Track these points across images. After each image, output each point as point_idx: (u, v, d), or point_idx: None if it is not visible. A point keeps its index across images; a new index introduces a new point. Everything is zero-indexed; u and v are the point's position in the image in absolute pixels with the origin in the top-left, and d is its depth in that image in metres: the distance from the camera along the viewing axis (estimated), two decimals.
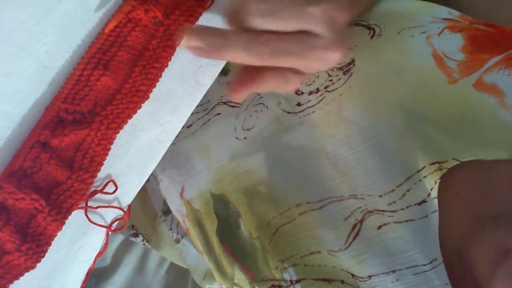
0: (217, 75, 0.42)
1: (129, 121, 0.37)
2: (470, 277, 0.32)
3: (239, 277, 0.43)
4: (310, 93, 0.42)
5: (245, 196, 0.43)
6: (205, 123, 0.50)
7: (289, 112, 0.43)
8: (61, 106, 0.34)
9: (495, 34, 0.38)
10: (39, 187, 0.35)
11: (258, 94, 0.48)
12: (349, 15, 0.33)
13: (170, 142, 0.42)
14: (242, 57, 0.31)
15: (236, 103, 0.49)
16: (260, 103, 0.46)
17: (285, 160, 0.42)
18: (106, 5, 0.34)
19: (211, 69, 0.41)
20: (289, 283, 0.39)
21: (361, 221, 0.37)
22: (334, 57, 0.32)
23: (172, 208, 0.52)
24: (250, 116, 0.46)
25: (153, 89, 0.38)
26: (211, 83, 0.42)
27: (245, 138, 0.45)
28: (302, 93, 0.42)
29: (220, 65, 0.42)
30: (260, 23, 0.30)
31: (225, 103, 0.50)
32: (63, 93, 0.34)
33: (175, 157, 0.50)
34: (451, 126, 0.36)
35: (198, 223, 0.47)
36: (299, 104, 0.42)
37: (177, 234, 0.58)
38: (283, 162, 0.42)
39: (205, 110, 0.51)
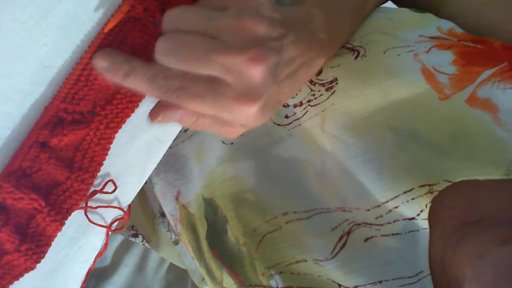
0: None
1: (129, 121, 0.37)
2: (455, 284, 0.32)
3: (228, 281, 0.43)
4: (295, 105, 0.42)
5: (232, 202, 0.43)
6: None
7: (278, 124, 0.43)
8: (60, 106, 0.34)
9: (484, 50, 0.37)
10: (39, 187, 0.34)
11: None
12: (288, 67, 0.31)
13: (170, 142, 0.42)
14: (144, 88, 0.31)
15: None
16: None
17: (274, 170, 0.42)
18: (105, 5, 0.34)
19: None
20: None
21: (348, 232, 0.37)
22: (246, 111, 0.30)
23: (166, 211, 0.52)
24: None
25: None
26: None
27: (231, 143, 0.45)
28: (288, 105, 0.42)
29: None
30: (162, 60, 0.30)
31: None
32: (62, 92, 0.34)
33: (171, 161, 0.50)
34: (442, 145, 0.35)
35: (192, 228, 0.47)
36: (286, 117, 0.42)
37: (176, 235, 0.58)
38: (272, 173, 0.42)
39: None
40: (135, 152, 0.40)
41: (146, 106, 0.38)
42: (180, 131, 0.42)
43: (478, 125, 0.34)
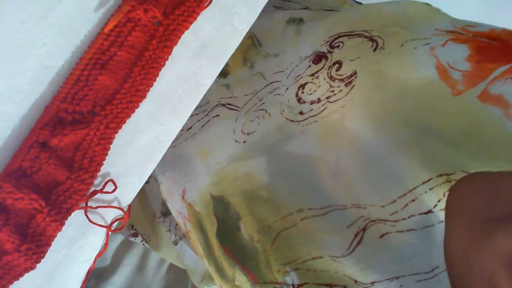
0: (217, 75, 0.42)
1: (129, 121, 0.37)
2: (479, 283, 0.32)
3: (240, 279, 0.43)
4: (312, 102, 0.42)
5: (245, 199, 0.43)
6: (204, 124, 0.50)
7: (292, 121, 0.43)
8: (61, 106, 0.34)
9: (500, 46, 0.37)
10: (39, 187, 0.34)
11: (260, 100, 0.48)
12: None
13: (170, 142, 0.42)
14: None
15: (235, 106, 0.49)
16: (262, 109, 0.46)
17: (286, 166, 0.42)
18: (105, 5, 0.34)
19: (211, 69, 0.41)
20: (291, 287, 0.39)
21: (364, 229, 0.37)
22: None
23: (173, 210, 0.52)
24: (251, 121, 0.46)
25: (152, 89, 0.38)
26: (211, 83, 0.42)
27: (244, 141, 0.45)
28: (304, 102, 0.42)
29: (220, 65, 0.42)
30: None
31: (224, 105, 0.50)
32: (63, 92, 0.34)
33: (176, 160, 0.50)
34: (456, 139, 0.35)
35: (199, 226, 0.47)
36: (301, 113, 0.42)
37: (175, 236, 0.58)
38: (285, 169, 0.42)
39: (205, 112, 0.51)
40: (135, 152, 0.40)
41: (146, 106, 0.38)
42: (182, 129, 0.42)
43: (490, 121, 0.35)
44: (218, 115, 0.49)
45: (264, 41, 0.53)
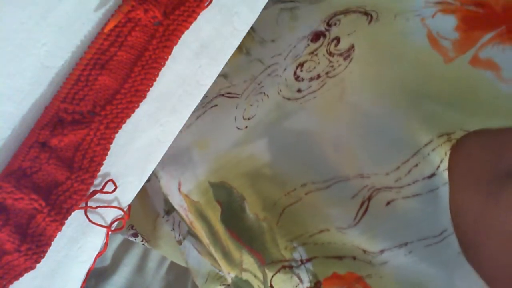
0: (217, 75, 0.42)
1: (129, 121, 0.37)
2: (501, 238, 0.32)
3: (248, 261, 0.43)
4: (311, 79, 0.43)
5: (248, 179, 0.44)
6: (200, 115, 0.50)
7: (289, 99, 0.44)
8: (61, 106, 0.34)
9: (485, 13, 0.39)
10: (39, 187, 0.34)
11: (259, 84, 0.48)
12: None
13: (170, 142, 0.42)
14: None
15: (235, 93, 0.50)
16: (261, 93, 0.47)
17: (287, 143, 0.43)
18: (105, 5, 0.34)
19: (211, 69, 0.41)
20: (300, 262, 0.39)
21: (369, 198, 0.37)
22: None
23: (174, 204, 0.52)
24: (251, 105, 0.47)
25: (152, 89, 0.38)
26: (211, 83, 0.42)
27: (246, 127, 0.46)
28: (303, 79, 0.43)
29: (219, 65, 0.42)
30: None
31: (223, 95, 0.50)
32: (63, 93, 0.34)
33: (171, 153, 0.50)
34: (454, 101, 0.36)
35: (200, 215, 0.48)
36: (299, 91, 0.43)
37: (179, 235, 0.58)
38: (286, 146, 0.43)
39: (202, 103, 0.51)
40: (135, 152, 0.40)
41: (146, 106, 0.38)
42: None
43: (483, 83, 0.36)
44: (216, 105, 0.50)
45: (258, 26, 0.53)
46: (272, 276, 0.41)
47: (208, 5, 0.37)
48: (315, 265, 0.38)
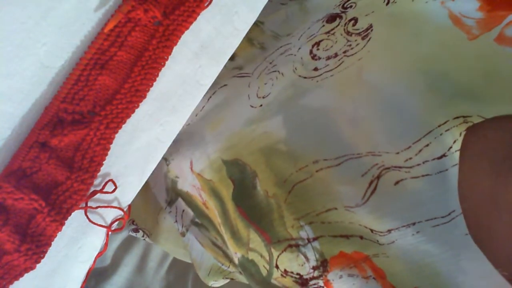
0: (217, 75, 0.42)
1: (129, 121, 0.37)
2: (504, 219, 0.31)
3: (255, 239, 0.43)
4: (328, 58, 0.43)
5: (263, 155, 0.44)
6: (210, 96, 0.51)
7: (305, 77, 0.44)
8: (61, 106, 0.34)
9: None
10: (39, 187, 0.34)
11: (271, 63, 0.48)
12: None
13: (170, 142, 0.42)
14: None
15: (246, 72, 0.50)
16: (275, 71, 0.47)
17: (303, 120, 0.43)
18: (105, 5, 0.34)
19: (211, 69, 0.41)
20: (306, 241, 0.39)
21: (378, 177, 0.37)
22: None
23: (186, 186, 0.52)
24: (265, 84, 0.47)
25: (152, 89, 0.38)
26: (211, 83, 0.42)
27: (261, 105, 0.46)
28: (320, 58, 0.43)
29: (219, 65, 0.42)
30: None
31: (232, 77, 0.50)
32: (63, 93, 0.34)
33: (181, 133, 0.50)
34: (475, 83, 0.36)
35: (213, 193, 0.48)
36: (315, 69, 0.43)
37: (182, 226, 0.58)
38: (302, 122, 0.43)
39: (213, 88, 0.51)
40: (135, 152, 0.40)
41: (146, 106, 0.38)
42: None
43: (508, 60, 0.35)
44: (226, 85, 0.50)
45: (265, 19, 0.54)
46: (278, 256, 0.41)
47: (208, 5, 0.37)
48: (322, 244, 0.38)
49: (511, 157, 0.32)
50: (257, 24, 0.54)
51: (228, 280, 0.58)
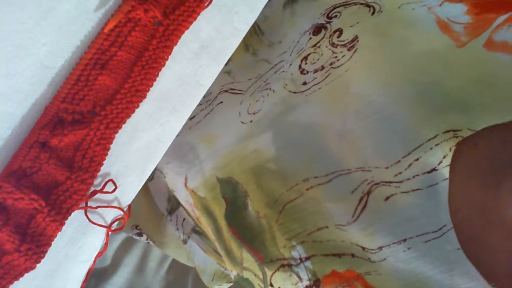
0: (216, 75, 0.42)
1: (129, 121, 0.37)
2: (502, 230, 0.31)
3: (248, 259, 0.43)
4: (315, 71, 0.42)
5: (253, 174, 0.43)
6: (208, 113, 0.50)
7: (295, 92, 0.43)
8: (61, 106, 0.34)
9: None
10: (39, 187, 0.34)
11: (265, 81, 0.48)
12: None
13: (170, 142, 0.42)
14: None
15: (239, 90, 0.50)
16: (267, 89, 0.47)
17: (292, 137, 0.42)
18: (105, 5, 0.34)
19: (211, 69, 0.41)
20: (299, 261, 0.39)
21: (368, 193, 0.37)
22: None
23: (180, 199, 0.52)
24: (257, 101, 0.47)
25: (152, 89, 0.38)
26: (211, 83, 0.42)
27: (251, 121, 0.45)
28: (307, 72, 0.43)
29: (219, 65, 0.42)
30: None
31: (226, 91, 0.50)
32: (63, 93, 0.34)
33: (177, 149, 0.50)
34: (465, 92, 0.35)
35: (206, 211, 0.47)
36: (304, 83, 0.43)
37: (183, 234, 0.58)
38: (291, 139, 0.42)
39: (208, 101, 0.51)
40: (135, 152, 0.40)
41: (146, 106, 0.38)
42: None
43: (500, 67, 0.35)
44: (222, 102, 0.50)
45: (266, 30, 0.53)
46: (272, 275, 0.40)
47: (208, 5, 0.37)
48: (314, 263, 0.38)
49: (502, 168, 0.32)
50: (258, 35, 0.54)
51: (231, 284, 0.58)
